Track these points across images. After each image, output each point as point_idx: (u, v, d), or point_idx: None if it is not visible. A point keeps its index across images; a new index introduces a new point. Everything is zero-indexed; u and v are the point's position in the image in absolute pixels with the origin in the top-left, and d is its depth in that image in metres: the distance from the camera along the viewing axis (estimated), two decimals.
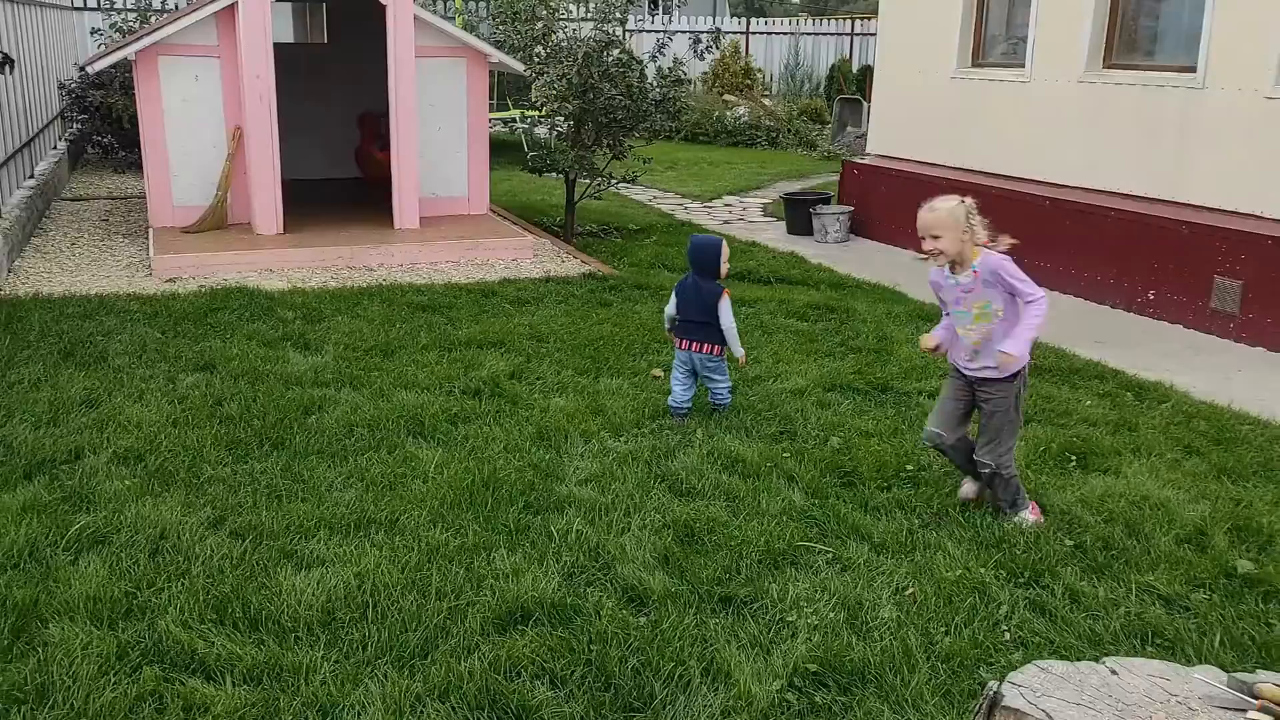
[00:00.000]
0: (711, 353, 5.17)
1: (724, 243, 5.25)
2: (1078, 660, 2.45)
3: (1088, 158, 8.10)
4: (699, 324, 5.16)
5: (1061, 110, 8.28)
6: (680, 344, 5.20)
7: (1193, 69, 7.32)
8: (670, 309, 5.29)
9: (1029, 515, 4.18)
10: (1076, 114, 8.16)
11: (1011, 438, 4.17)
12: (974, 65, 9.22)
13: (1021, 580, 3.74)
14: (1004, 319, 4.05)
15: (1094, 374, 6.12)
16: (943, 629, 3.42)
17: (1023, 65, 8.62)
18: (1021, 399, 4.19)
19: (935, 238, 4.03)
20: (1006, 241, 4.12)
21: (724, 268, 5.20)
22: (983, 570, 3.77)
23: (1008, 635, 3.41)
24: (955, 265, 4.10)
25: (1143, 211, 7.64)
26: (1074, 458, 4.82)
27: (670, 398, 5.25)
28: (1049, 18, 8.34)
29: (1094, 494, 4.44)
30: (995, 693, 1.99)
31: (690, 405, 5.26)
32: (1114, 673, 2.08)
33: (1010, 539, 4.02)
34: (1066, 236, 8.19)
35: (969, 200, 4.06)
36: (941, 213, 4.03)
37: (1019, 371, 4.10)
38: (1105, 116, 7.94)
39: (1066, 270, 8.22)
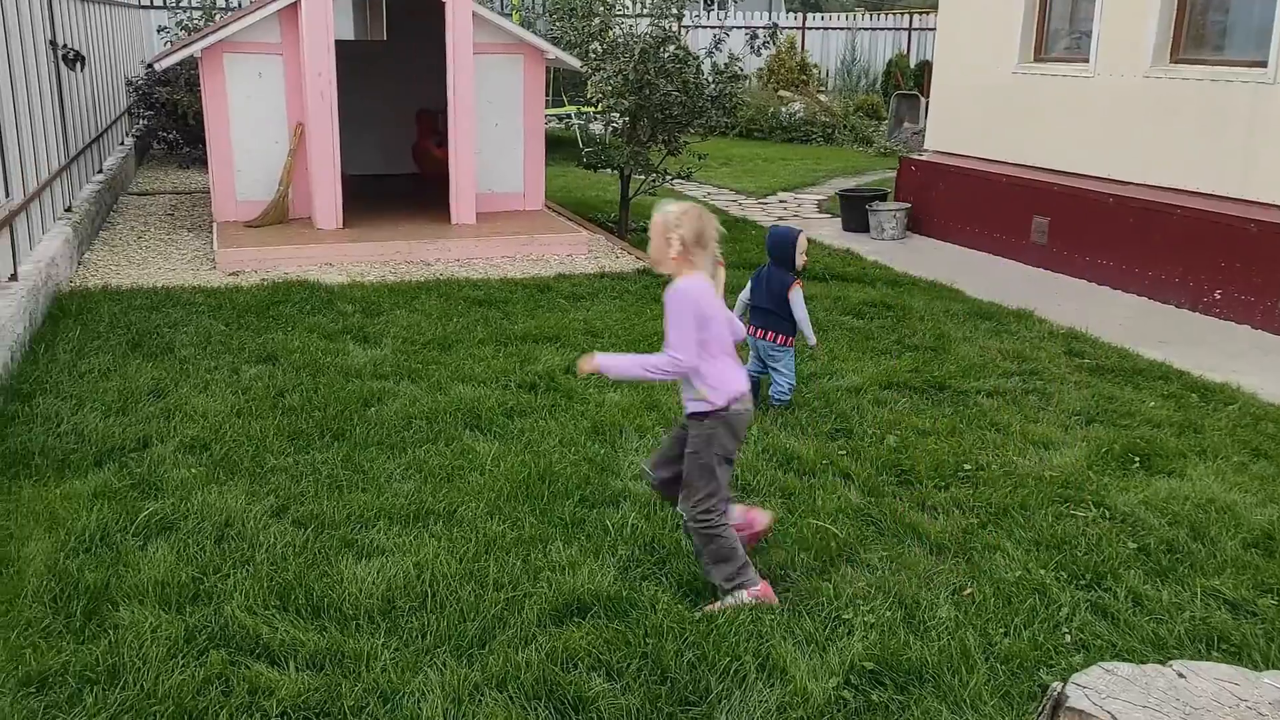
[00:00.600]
0: (777, 341, 5.25)
1: (802, 234, 5.38)
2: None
3: (1152, 154, 7.94)
4: (766, 311, 5.29)
5: (1126, 106, 8.12)
6: (750, 329, 5.30)
7: (1263, 64, 7.14)
8: (744, 294, 5.39)
9: (744, 597, 3.48)
10: (1142, 110, 8.00)
11: (705, 487, 3.49)
12: (1036, 60, 9.08)
13: (1083, 582, 3.69)
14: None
15: (1158, 374, 6.00)
16: (1002, 630, 3.39)
17: (1086, 60, 8.46)
18: (717, 448, 3.50)
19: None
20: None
21: (800, 259, 5.31)
22: (1043, 571, 3.73)
23: (1068, 637, 3.36)
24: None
25: (1209, 209, 7.48)
26: (1137, 459, 4.74)
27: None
28: (1114, 12, 8.19)
29: (1158, 496, 4.36)
30: (1059, 694, 1.97)
31: (759, 377, 5.35)
32: (1181, 676, 2.05)
33: (1071, 540, 3.97)
34: (1130, 234, 8.04)
35: (693, 211, 3.51)
36: (656, 215, 3.53)
37: (712, 413, 3.48)
38: (1171, 112, 7.78)
39: (1130, 269, 8.07)
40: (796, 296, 5.23)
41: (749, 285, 5.40)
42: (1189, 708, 1.94)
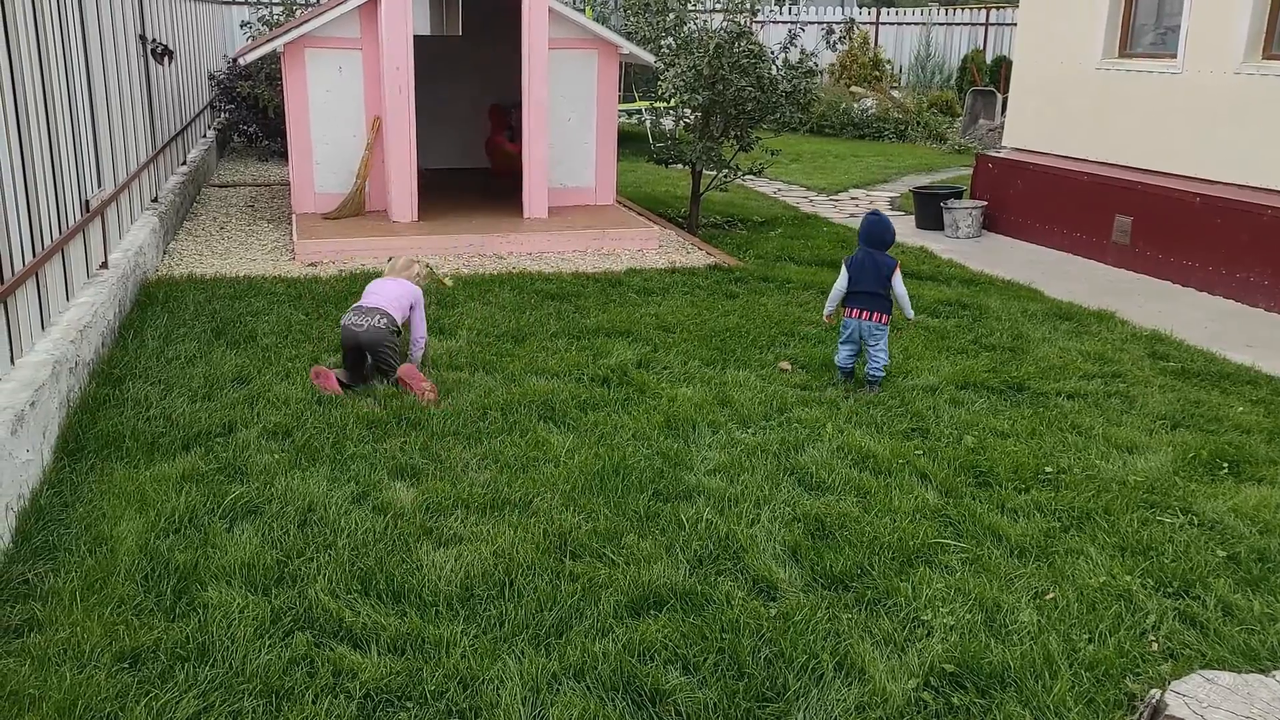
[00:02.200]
0: (880, 321, 5.52)
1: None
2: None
3: (1242, 153, 7.71)
4: (871, 294, 5.52)
5: (1215, 103, 7.90)
6: (851, 313, 5.55)
7: None
8: (841, 284, 5.61)
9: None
10: (1231, 107, 7.77)
11: None
12: (1121, 55, 8.87)
13: (1170, 590, 3.60)
14: None
15: (1246, 379, 5.83)
16: (1085, 636, 3.32)
17: (1174, 56, 8.25)
18: None
19: None
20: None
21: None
22: (1128, 578, 3.64)
23: (1155, 646, 3.28)
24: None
25: None
26: (1226, 465, 4.62)
27: (838, 358, 5.66)
28: (1203, 6, 7.96)
29: (1247, 504, 4.24)
30: (1158, 701, 1.93)
31: (855, 365, 5.63)
32: None
33: (1158, 546, 3.88)
34: (1217, 235, 7.82)
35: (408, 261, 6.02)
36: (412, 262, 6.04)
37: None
38: (1263, 110, 7.54)
39: (1216, 270, 7.85)
40: (899, 276, 5.56)
41: (845, 276, 5.57)
42: None
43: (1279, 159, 7.43)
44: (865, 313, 5.48)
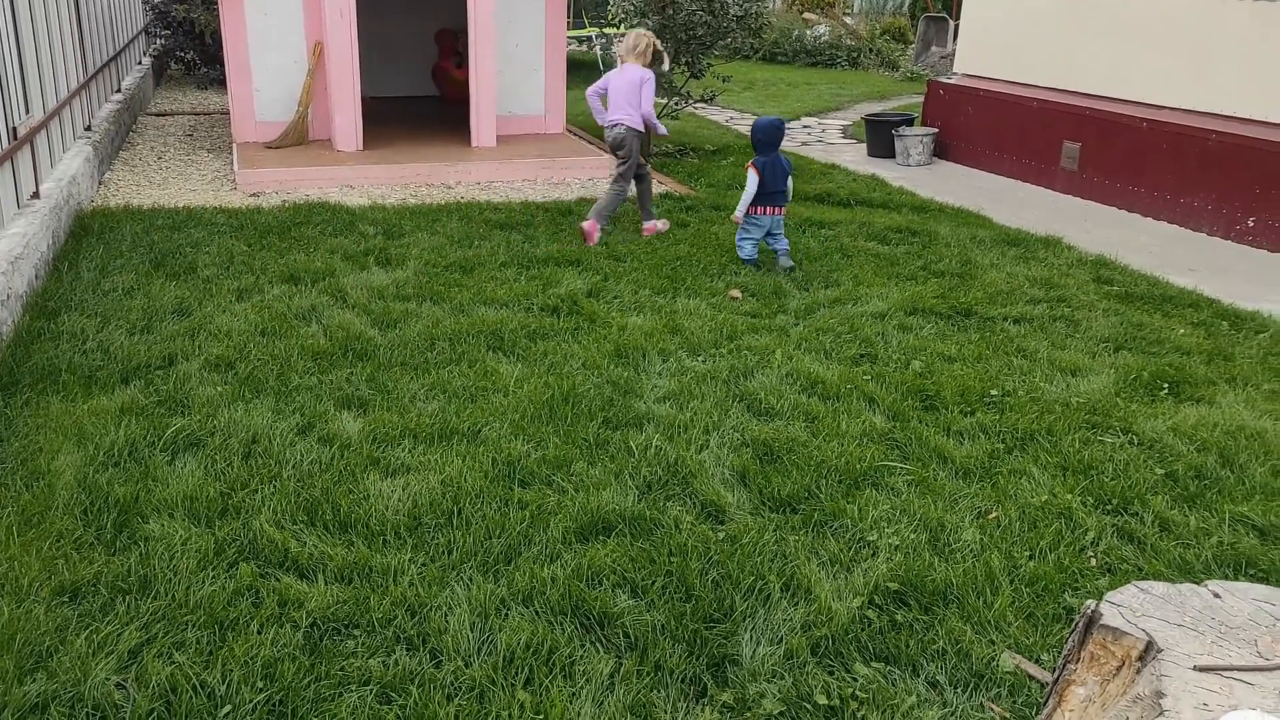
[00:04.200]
0: (784, 214, 6.40)
1: None
2: None
3: (1190, 77, 7.74)
4: (781, 192, 6.28)
5: (1164, 26, 7.89)
6: (767, 210, 6.28)
7: None
8: (753, 188, 6.21)
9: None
10: (1180, 31, 7.77)
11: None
12: None
13: (1109, 507, 3.68)
14: None
15: (1187, 302, 5.92)
16: (1026, 553, 3.38)
17: None
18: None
19: None
20: None
21: None
22: (1069, 496, 3.71)
23: (1094, 561, 3.36)
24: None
25: (1247, 134, 7.30)
26: (1166, 386, 4.69)
27: (746, 255, 6.35)
28: None
29: (1186, 423, 4.32)
30: (1093, 611, 1.96)
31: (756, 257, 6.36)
32: (1217, 596, 2.03)
33: (1098, 466, 3.95)
34: (1163, 160, 7.88)
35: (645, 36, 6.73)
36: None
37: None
38: (1209, 34, 7.56)
39: (1161, 195, 7.92)
40: None
41: (756, 180, 6.19)
42: (1224, 626, 1.92)
43: (1227, 83, 7.47)
44: (777, 209, 6.27)
